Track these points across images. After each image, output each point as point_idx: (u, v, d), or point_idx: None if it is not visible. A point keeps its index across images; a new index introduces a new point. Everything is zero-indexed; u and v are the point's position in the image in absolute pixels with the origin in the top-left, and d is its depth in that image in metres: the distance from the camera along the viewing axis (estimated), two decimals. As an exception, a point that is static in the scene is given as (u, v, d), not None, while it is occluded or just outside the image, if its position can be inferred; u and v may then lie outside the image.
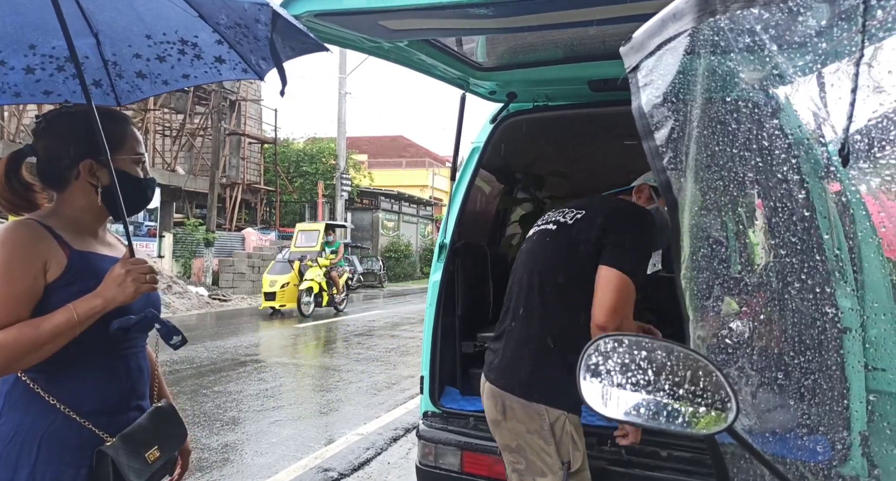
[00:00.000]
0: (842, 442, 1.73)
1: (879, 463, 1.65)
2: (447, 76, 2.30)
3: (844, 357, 1.72)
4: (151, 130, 17.60)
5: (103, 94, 1.43)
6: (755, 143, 0.76)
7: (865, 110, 0.64)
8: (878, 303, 1.73)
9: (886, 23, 0.55)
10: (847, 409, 1.73)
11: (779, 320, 1.38)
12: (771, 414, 1.32)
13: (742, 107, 0.75)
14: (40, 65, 1.35)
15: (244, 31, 1.26)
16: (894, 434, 1.73)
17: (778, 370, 1.27)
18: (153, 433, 1.20)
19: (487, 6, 1.39)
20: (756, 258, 1.36)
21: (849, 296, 1.76)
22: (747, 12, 0.64)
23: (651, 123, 0.75)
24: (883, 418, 1.71)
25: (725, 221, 0.90)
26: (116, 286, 1.08)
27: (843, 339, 1.75)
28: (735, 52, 0.69)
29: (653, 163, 0.76)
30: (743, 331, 1.41)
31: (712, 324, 1.06)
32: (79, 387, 1.12)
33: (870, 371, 1.76)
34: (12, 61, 1.33)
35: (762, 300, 1.38)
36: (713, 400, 0.58)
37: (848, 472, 1.68)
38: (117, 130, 1.21)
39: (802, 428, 1.51)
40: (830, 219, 1.37)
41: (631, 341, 0.63)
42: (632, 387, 0.61)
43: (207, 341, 8.07)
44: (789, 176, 0.84)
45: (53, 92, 1.40)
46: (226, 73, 1.40)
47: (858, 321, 1.76)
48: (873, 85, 0.63)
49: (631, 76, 0.76)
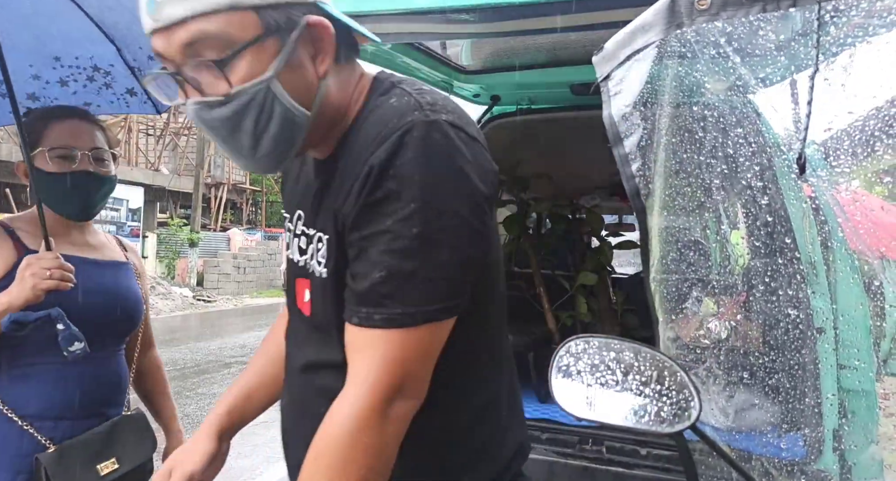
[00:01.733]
0: (815, 439, 1.78)
1: (851, 460, 1.69)
2: (431, 79, 2.32)
3: (817, 356, 1.77)
4: (135, 129, 17.39)
5: (140, 103, 1.41)
6: (724, 149, 0.79)
7: (831, 117, 0.67)
8: (849, 303, 1.78)
9: (839, 39, 0.57)
10: (820, 407, 1.78)
11: (753, 321, 1.42)
12: (747, 412, 1.36)
13: (710, 114, 0.77)
14: (71, 76, 1.34)
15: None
16: (865, 430, 1.78)
17: (753, 370, 1.30)
18: (110, 443, 1.14)
19: (469, 12, 1.41)
20: (728, 260, 1.40)
21: (822, 296, 1.81)
22: (711, 25, 0.66)
23: (621, 131, 0.78)
24: (854, 415, 1.76)
25: (695, 225, 0.93)
26: (18, 283, 1.03)
27: (817, 339, 1.81)
28: (701, 63, 0.71)
29: (622, 169, 0.79)
30: (718, 331, 1.44)
31: (681, 326, 1.09)
32: (21, 390, 1.09)
33: (842, 369, 1.81)
34: (45, 75, 1.32)
35: (736, 301, 1.42)
36: (678, 398, 0.60)
37: (820, 469, 1.73)
38: (39, 126, 1.17)
39: (777, 427, 1.55)
40: (804, 221, 1.41)
41: (600, 342, 0.65)
42: (601, 387, 0.63)
43: (191, 343, 7.99)
44: (762, 179, 0.87)
45: (92, 103, 1.39)
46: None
47: (831, 321, 1.81)
48: (832, 96, 0.66)
49: (602, 85, 0.79)
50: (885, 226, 0.77)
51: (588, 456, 2.01)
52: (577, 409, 0.65)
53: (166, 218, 16.67)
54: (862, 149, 0.65)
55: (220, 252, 15.85)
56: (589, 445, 2.03)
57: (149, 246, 14.49)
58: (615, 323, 3.01)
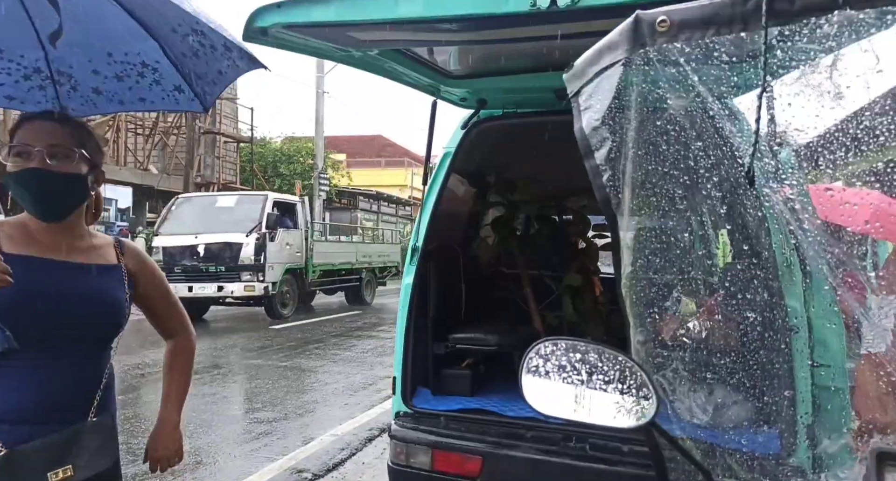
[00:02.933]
0: (790, 434, 1.84)
1: (823, 453, 1.75)
2: (418, 83, 2.36)
3: (792, 354, 1.83)
4: (123, 128, 17.25)
5: (188, 100, 1.40)
6: (686, 161, 0.83)
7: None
8: (822, 304, 1.84)
9: (785, 61, 0.62)
10: (794, 404, 1.84)
11: (728, 322, 1.47)
12: (723, 410, 1.41)
13: (672, 128, 0.82)
14: (125, 72, 1.35)
15: (203, 53, 1.27)
16: (837, 425, 1.84)
17: (728, 369, 1.35)
18: (68, 450, 1.12)
19: (452, 21, 1.45)
20: (703, 264, 1.44)
21: (797, 297, 1.87)
22: (672, 46, 0.71)
23: (591, 144, 0.82)
24: (827, 412, 1.82)
25: (662, 232, 0.97)
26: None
27: (791, 338, 1.86)
28: (663, 80, 0.76)
29: (593, 180, 0.83)
30: (693, 332, 1.49)
31: (655, 328, 1.14)
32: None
33: (815, 367, 1.87)
34: (103, 70, 1.33)
35: (713, 303, 1.47)
36: (638, 396, 0.64)
37: (794, 462, 1.79)
38: (14, 128, 1.17)
39: (753, 423, 1.60)
40: (780, 223, 1.46)
41: (567, 344, 0.69)
42: (568, 386, 0.67)
43: (181, 343, 7.95)
44: (721, 188, 0.92)
45: (146, 99, 1.40)
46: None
47: (805, 320, 1.87)
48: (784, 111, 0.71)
49: (573, 100, 0.83)
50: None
51: (571, 453, 2.06)
52: (545, 407, 0.69)
53: (155, 217, 16.55)
54: (812, 161, 0.70)
55: (210, 252, 15.76)
56: (573, 443, 2.08)
57: (138, 246, 14.38)
58: (600, 322, 3.07)
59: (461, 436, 2.18)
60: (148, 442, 1.44)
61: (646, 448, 2.02)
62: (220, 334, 9.00)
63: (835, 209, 0.79)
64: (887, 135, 0.62)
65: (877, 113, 0.61)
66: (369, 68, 2.10)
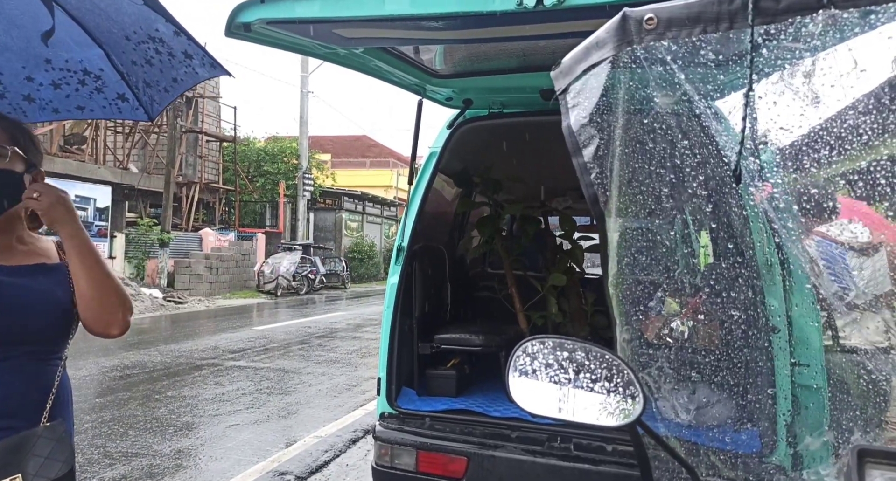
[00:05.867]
0: (770, 433, 1.86)
1: (802, 451, 1.78)
2: (404, 82, 2.34)
3: (773, 354, 1.85)
4: (102, 126, 16.92)
5: (132, 109, 1.38)
6: (672, 160, 0.84)
7: (769, 128, 0.71)
8: (803, 303, 1.87)
9: (771, 60, 0.62)
10: (775, 403, 1.87)
11: (710, 321, 1.48)
12: (705, 409, 1.42)
13: (659, 125, 0.82)
14: (63, 80, 1.31)
15: (159, 61, 1.24)
16: (816, 424, 1.87)
17: (710, 368, 1.36)
18: (17, 458, 1.08)
19: (438, 19, 1.44)
20: (688, 263, 1.45)
21: (777, 297, 1.89)
22: (659, 43, 0.71)
23: (579, 141, 0.81)
24: (807, 410, 1.85)
25: (649, 231, 0.97)
26: None
27: (772, 338, 1.89)
28: (650, 78, 0.75)
29: (581, 177, 0.83)
30: (677, 331, 1.50)
31: (641, 327, 1.14)
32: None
33: (795, 367, 1.90)
34: (38, 77, 1.29)
35: (697, 302, 1.48)
36: (625, 394, 0.64)
37: (775, 460, 1.81)
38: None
39: (735, 422, 1.62)
40: (763, 222, 1.48)
41: (554, 343, 0.69)
42: (555, 385, 0.67)
43: (161, 345, 7.84)
44: (707, 187, 0.92)
45: (85, 107, 1.37)
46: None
47: (785, 321, 1.90)
48: (768, 110, 0.71)
49: (561, 98, 0.83)
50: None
51: (556, 453, 2.06)
52: (532, 407, 0.68)
53: (136, 217, 16.27)
54: (798, 160, 0.71)
55: (192, 252, 15.54)
56: (557, 443, 2.08)
57: (117, 246, 14.13)
58: (585, 323, 3.08)
59: (446, 437, 2.17)
60: None
61: (630, 447, 2.04)
62: (202, 335, 8.87)
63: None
64: (870, 134, 0.63)
65: (860, 112, 0.62)
66: (354, 66, 2.08)
